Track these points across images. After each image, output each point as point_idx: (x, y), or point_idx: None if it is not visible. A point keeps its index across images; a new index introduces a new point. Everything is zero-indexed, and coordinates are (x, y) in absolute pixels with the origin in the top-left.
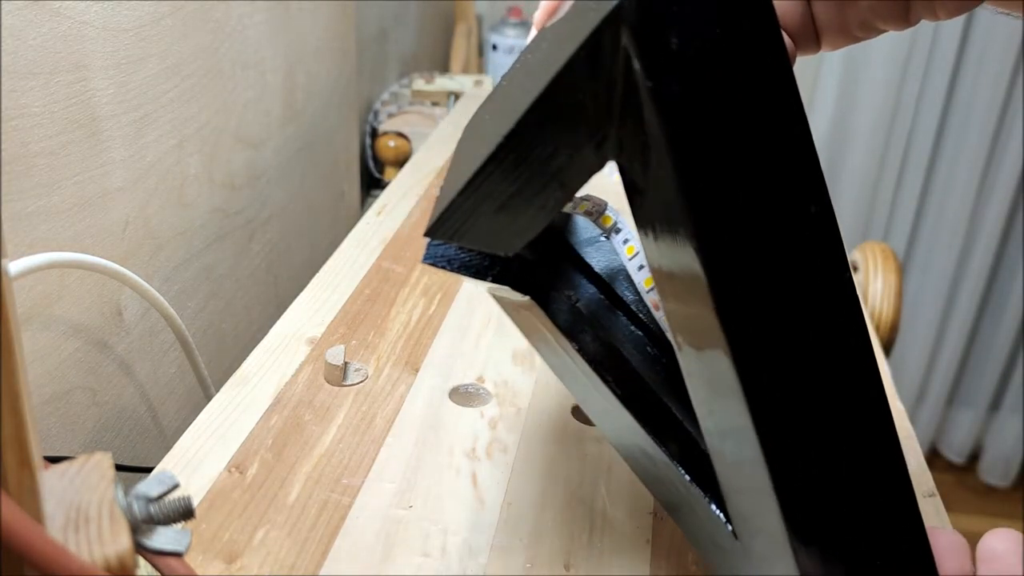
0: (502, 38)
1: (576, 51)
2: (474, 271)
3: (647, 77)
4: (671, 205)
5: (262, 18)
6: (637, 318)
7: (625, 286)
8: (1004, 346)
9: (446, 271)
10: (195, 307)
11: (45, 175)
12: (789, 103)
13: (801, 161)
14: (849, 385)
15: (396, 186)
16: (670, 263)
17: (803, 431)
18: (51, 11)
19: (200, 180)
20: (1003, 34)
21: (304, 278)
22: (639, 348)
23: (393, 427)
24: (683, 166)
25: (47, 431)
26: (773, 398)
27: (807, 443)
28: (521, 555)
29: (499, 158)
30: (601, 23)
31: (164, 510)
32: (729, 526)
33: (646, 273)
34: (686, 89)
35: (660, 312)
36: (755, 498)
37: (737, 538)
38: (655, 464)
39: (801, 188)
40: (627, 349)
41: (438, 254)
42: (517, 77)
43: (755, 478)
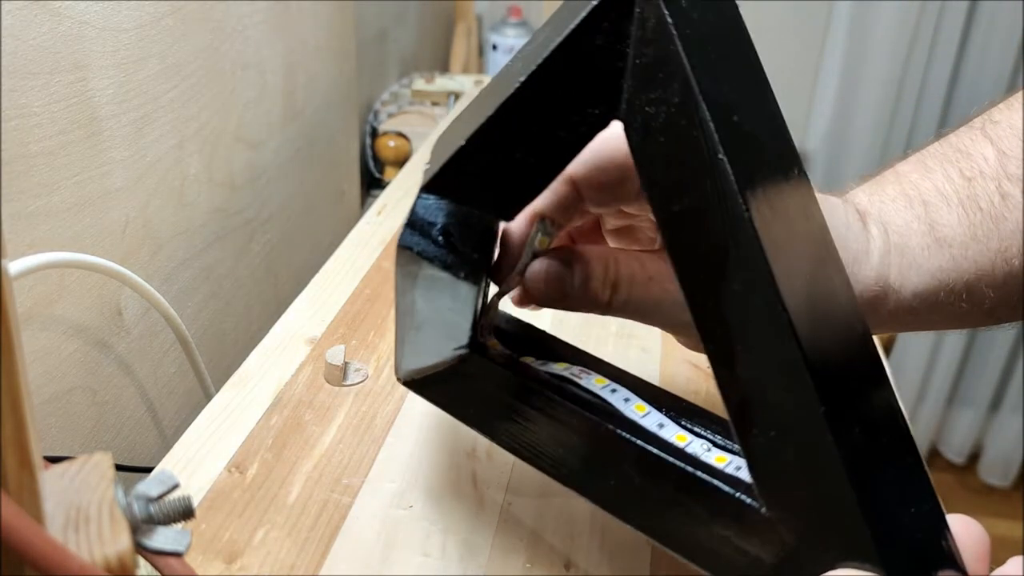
0: (502, 38)
1: (593, 8)
2: (445, 264)
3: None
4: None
5: (262, 18)
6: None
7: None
8: (1004, 346)
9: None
10: (195, 307)
11: (45, 175)
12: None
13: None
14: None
15: (396, 186)
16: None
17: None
18: (51, 11)
19: (200, 180)
20: (1003, 33)
21: (304, 278)
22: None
23: (393, 427)
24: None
25: (47, 431)
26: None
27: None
28: (521, 555)
29: (510, 108)
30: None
31: (164, 510)
32: (750, 500)
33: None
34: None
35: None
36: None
37: (769, 512)
38: (644, 474)
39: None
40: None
41: (414, 240)
42: (524, 50)
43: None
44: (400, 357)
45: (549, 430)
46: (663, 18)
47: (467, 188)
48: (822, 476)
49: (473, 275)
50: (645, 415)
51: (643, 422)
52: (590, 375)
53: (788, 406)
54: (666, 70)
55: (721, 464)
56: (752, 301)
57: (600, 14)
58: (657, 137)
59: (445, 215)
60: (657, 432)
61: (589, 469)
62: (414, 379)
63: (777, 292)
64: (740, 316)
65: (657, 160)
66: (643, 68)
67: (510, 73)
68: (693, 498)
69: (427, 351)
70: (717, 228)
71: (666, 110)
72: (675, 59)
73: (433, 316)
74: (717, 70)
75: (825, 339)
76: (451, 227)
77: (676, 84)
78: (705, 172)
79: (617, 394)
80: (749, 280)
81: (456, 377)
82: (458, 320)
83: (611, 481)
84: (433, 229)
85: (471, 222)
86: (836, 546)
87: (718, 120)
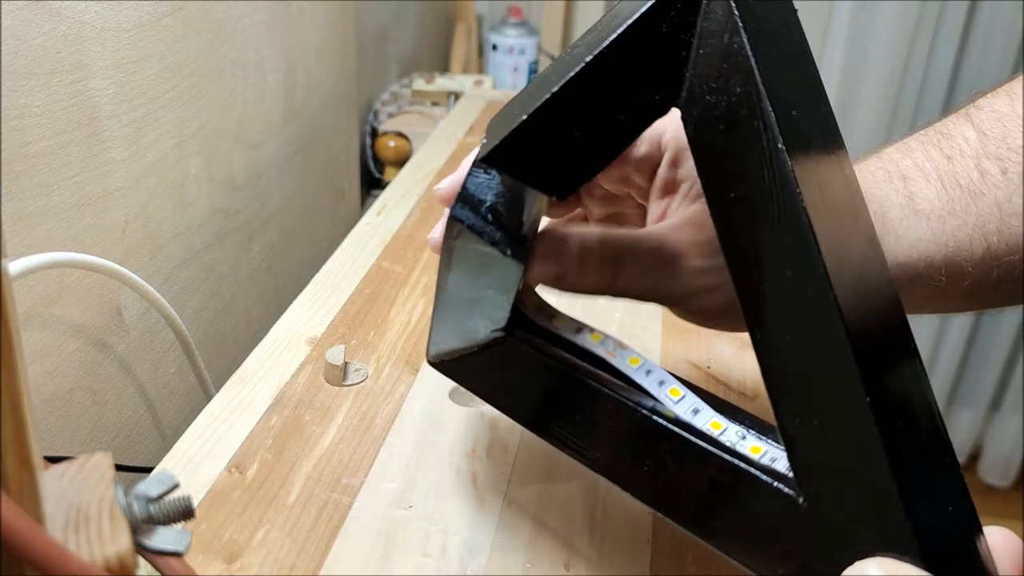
0: (502, 38)
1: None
2: (492, 240)
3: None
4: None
5: (262, 18)
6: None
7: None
8: (1004, 346)
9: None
10: (195, 307)
11: (45, 175)
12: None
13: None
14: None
15: (396, 186)
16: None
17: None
18: (51, 11)
19: (200, 180)
20: (1003, 33)
21: (304, 278)
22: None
23: (393, 427)
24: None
25: (47, 431)
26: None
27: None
28: (521, 555)
29: (573, 87)
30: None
31: (164, 510)
32: (787, 490)
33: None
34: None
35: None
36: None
37: (807, 502)
38: (678, 461)
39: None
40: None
41: (464, 213)
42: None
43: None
44: (433, 336)
45: (581, 416)
46: (730, 11)
47: (524, 163)
48: (864, 466)
49: (519, 254)
50: (680, 400)
51: (677, 408)
52: (625, 352)
53: (833, 395)
54: (730, 61)
55: (756, 455)
56: (802, 290)
57: (668, 2)
58: (717, 126)
59: (495, 192)
60: (691, 419)
61: (620, 455)
62: (444, 360)
63: (828, 283)
64: (789, 304)
65: (715, 149)
66: (706, 58)
67: (574, 54)
68: (727, 487)
69: (462, 331)
70: (772, 218)
71: (727, 100)
72: (740, 52)
73: (473, 294)
74: (778, 65)
75: (872, 331)
76: (500, 204)
77: (739, 76)
78: (764, 163)
79: (652, 376)
80: (800, 269)
81: (488, 360)
82: (499, 300)
83: (643, 468)
84: (483, 206)
85: (520, 201)
86: (874, 537)
87: (779, 113)
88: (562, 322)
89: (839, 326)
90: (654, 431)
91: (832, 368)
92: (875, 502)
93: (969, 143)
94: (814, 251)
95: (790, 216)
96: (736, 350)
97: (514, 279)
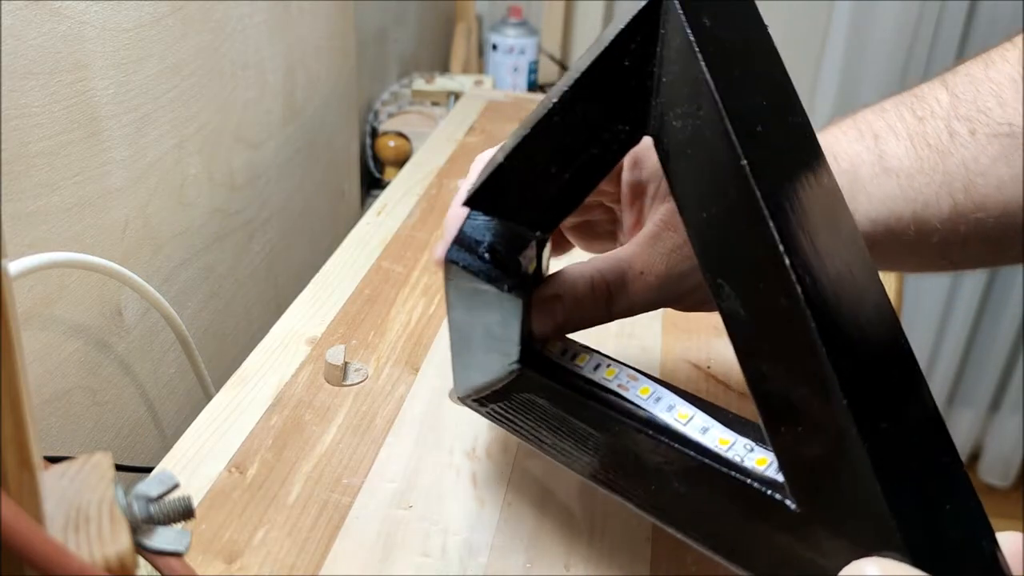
0: (502, 38)
1: (621, 30)
2: (489, 278)
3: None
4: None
5: (262, 18)
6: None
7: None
8: (1004, 346)
9: (458, 262)
10: (195, 307)
11: (45, 175)
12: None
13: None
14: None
15: (396, 186)
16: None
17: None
18: (51, 11)
19: (200, 180)
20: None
21: (304, 278)
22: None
23: (393, 427)
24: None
25: (47, 431)
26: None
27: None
28: (521, 555)
29: (547, 123)
30: (645, 7)
31: (164, 510)
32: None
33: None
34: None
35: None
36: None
37: (799, 507)
38: (685, 479)
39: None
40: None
41: (460, 256)
42: (562, 78)
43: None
44: (456, 376)
45: (598, 443)
46: (686, 37)
47: (507, 202)
48: (848, 470)
49: (518, 288)
50: (688, 421)
51: (686, 429)
52: (636, 383)
53: (812, 403)
54: (691, 87)
55: (762, 467)
56: (778, 302)
57: (628, 36)
58: (685, 150)
59: (491, 233)
60: (700, 438)
61: (633, 476)
62: (472, 397)
63: (799, 292)
64: (767, 316)
65: (686, 171)
66: (669, 85)
67: (548, 96)
68: (728, 498)
69: (481, 368)
70: (742, 232)
71: (692, 123)
72: (699, 75)
73: (482, 332)
74: (740, 83)
75: (853, 337)
76: (496, 244)
77: (701, 99)
78: (729, 180)
79: (661, 403)
80: (775, 282)
81: (509, 393)
82: (507, 334)
83: (652, 486)
84: (479, 247)
85: (514, 238)
86: (865, 539)
87: (740, 131)
88: (583, 360)
89: (813, 334)
90: (659, 450)
91: (810, 376)
92: (861, 504)
93: (941, 105)
94: (783, 262)
95: (758, 229)
96: None
97: (516, 315)
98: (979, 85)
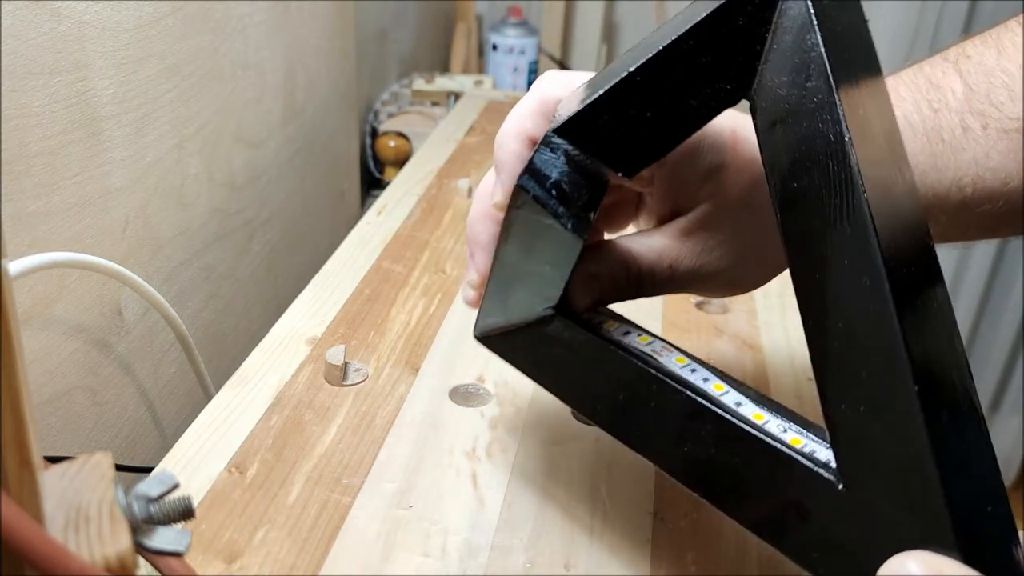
0: (502, 38)
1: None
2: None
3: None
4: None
5: (262, 18)
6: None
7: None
8: (1004, 346)
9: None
10: (195, 307)
11: (45, 175)
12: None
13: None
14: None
15: (396, 186)
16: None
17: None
18: (51, 11)
19: (200, 180)
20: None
21: (304, 278)
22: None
23: (393, 427)
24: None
25: (47, 431)
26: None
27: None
28: (521, 555)
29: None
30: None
31: (164, 510)
32: (828, 475)
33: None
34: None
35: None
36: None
37: (847, 488)
38: (721, 445)
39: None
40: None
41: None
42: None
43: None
44: (484, 311)
45: (625, 395)
46: (807, 10)
47: (596, 137)
48: (908, 457)
49: (579, 229)
50: (724, 394)
51: (724, 399)
52: (671, 352)
53: (882, 384)
54: (803, 57)
55: (797, 445)
56: (859, 281)
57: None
58: (785, 118)
59: (560, 170)
60: (736, 409)
61: (661, 435)
62: (490, 335)
63: (885, 276)
64: (844, 293)
65: (782, 141)
66: (780, 53)
67: (651, 40)
68: (768, 471)
69: (513, 306)
70: (834, 209)
71: (797, 94)
72: (814, 48)
73: (529, 268)
74: (847, 64)
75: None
76: (566, 181)
77: (812, 72)
78: (830, 155)
79: (696, 373)
80: (859, 260)
81: (536, 337)
82: (553, 276)
83: (683, 448)
84: (548, 181)
85: (585, 177)
86: (912, 528)
87: (847, 108)
88: (612, 326)
89: (893, 319)
90: (698, 413)
91: (884, 358)
92: (916, 493)
93: (956, 96)
94: (874, 243)
95: (853, 209)
96: (736, 350)
97: (571, 256)
98: (992, 76)
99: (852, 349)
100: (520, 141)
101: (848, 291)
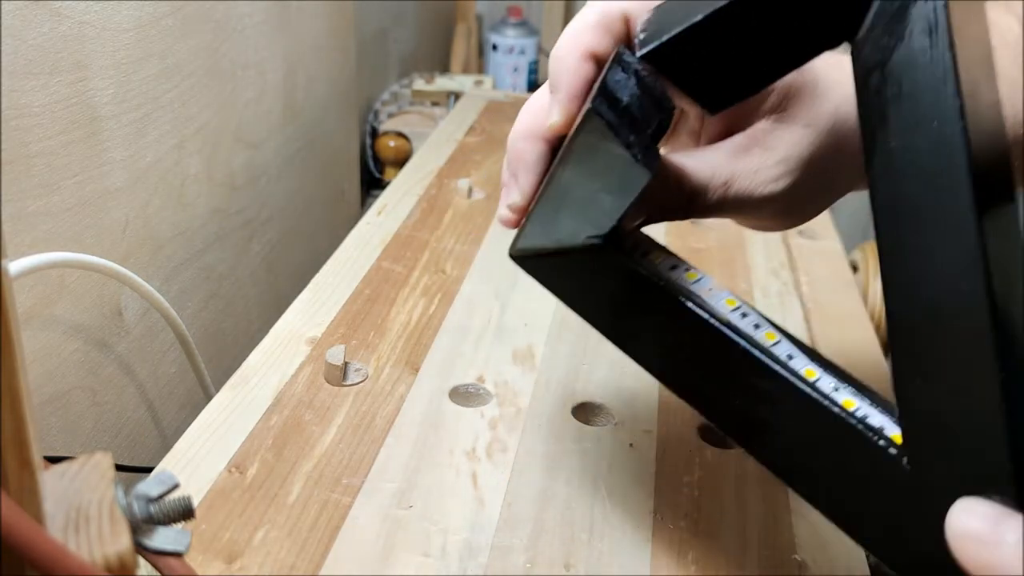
0: (502, 38)
1: None
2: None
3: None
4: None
5: (262, 18)
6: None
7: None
8: None
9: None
10: (195, 307)
11: (45, 175)
12: None
13: None
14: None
15: (396, 186)
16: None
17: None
18: (51, 11)
19: (200, 180)
20: None
21: (304, 278)
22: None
23: (393, 427)
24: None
25: (47, 431)
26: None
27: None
28: (521, 555)
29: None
30: None
31: (164, 510)
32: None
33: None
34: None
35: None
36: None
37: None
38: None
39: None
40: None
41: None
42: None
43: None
44: (525, 230)
45: (672, 336)
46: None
47: (686, 68)
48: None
49: (649, 162)
50: (775, 343)
51: (774, 349)
52: (721, 293)
53: (965, 365)
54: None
55: (849, 408)
56: (950, 250)
57: None
58: (890, 69)
59: (631, 95)
60: (787, 362)
61: (707, 382)
62: (527, 255)
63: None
64: (933, 260)
65: (882, 93)
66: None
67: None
68: (817, 430)
69: (559, 230)
70: (931, 168)
71: (907, 45)
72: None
73: (584, 194)
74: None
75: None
76: (637, 106)
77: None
78: (935, 113)
79: (748, 319)
80: (953, 228)
81: (579, 263)
82: (610, 205)
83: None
84: (620, 104)
85: (656, 104)
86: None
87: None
88: (657, 258)
89: (983, 297)
90: (750, 366)
91: (969, 337)
92: (986, 479)
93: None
94: (970, 211)
95: (953, 171)
96: None
97: (635, 189)
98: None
99: (935, 321)
100: (580, 57)
101: (938, 260)
